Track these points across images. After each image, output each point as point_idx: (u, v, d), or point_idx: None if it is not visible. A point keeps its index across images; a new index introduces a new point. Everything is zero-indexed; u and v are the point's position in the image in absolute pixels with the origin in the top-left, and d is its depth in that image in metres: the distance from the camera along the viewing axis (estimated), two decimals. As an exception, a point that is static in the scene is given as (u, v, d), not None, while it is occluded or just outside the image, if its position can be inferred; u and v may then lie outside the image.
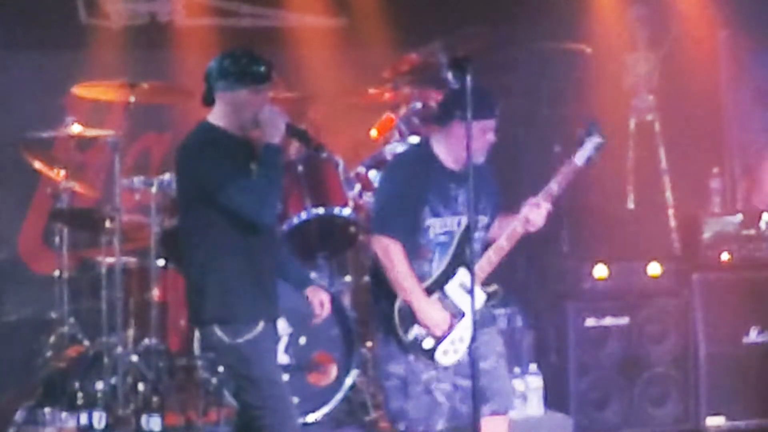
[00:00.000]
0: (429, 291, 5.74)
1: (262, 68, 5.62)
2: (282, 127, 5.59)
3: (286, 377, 6.35)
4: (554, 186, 5.85)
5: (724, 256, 8.08)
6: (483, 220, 5.84)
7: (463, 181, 5.65)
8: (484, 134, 5.74)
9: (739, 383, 7.84)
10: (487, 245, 5.87)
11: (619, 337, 7.82)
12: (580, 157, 5.89)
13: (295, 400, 6.11)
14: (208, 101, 5.68)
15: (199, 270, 5.60)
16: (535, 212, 5.80)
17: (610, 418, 7.80)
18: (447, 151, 5.80)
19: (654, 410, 7.86)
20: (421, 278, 5.73)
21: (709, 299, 7.93)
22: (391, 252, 5.69)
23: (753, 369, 7.86)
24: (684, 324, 7.91)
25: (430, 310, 5.69)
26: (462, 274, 5.69)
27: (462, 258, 5.70)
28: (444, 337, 5.73)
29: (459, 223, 5.75)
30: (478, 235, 5.82)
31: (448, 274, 5.75)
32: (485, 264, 5.80)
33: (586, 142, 5.90)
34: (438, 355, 5.74)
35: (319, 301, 5.87)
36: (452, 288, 5.75)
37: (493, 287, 5.84)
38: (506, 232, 5.82)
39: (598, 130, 5.92)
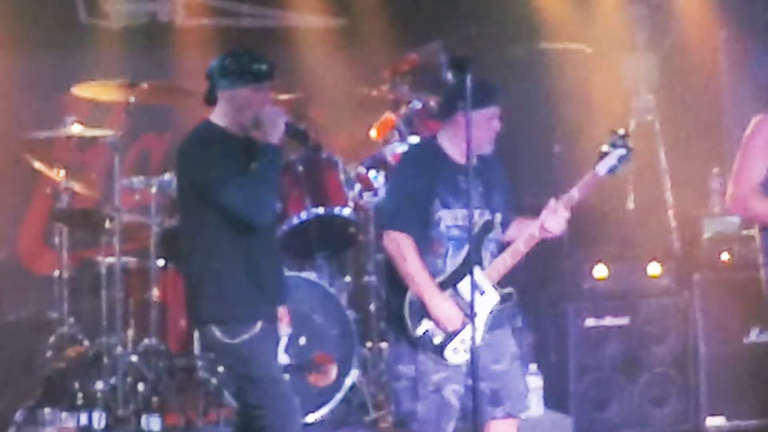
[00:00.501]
0: (442, 287, 5.69)
1: (264, 66, 5.63)
2: (281, 127, 5.58)
3: (286, 378, 6.34)
4: (575, 194, 5.80)
5: (724, 256, 8.07)
6: (497, 217, 5.81)
7: (473, 174, 5.66)
8: (488, 122, 5.73)
9: (740, 383, 7.83)
10: (502, 245, 5.84)
11: (619, 338, 7.81)
12: (602, 167, 5.81)
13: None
14: (210, 100, 5.68)
15: (198, 269, 5.60)
16: (553, 218, 5.76)
17: (610, 419, 7.79)
18: (453, 144, 5.78)
19: (654, 410, 7.85)
20: (434, 274, 5.69)
21: (710, 299, 7.92)
22: (402, 247, 5.66)
23: (753, 369, 7.83)
24: (684, 324, 7.90)
25: (443, 304, 5.65)
26: (476, 274, 5.66)
27: (477, 256, 5.68)
28: (455, 334, 5.70)
29: (470, 217, 5.72)
30: (494, 234, 5.80)
31: (462, 271, 5.69)
32: (500, 266, 5.76)
33: (611, 152, 5.84)
34: (447, 353, 5.70)
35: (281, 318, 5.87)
36: (465, 286, 5.67)
37: (507, 289, 5.81)
38: (523, 237, 5.78)
39: (624, 142, 5.88)
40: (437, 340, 5.71)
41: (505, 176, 5.96)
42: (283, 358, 7.17)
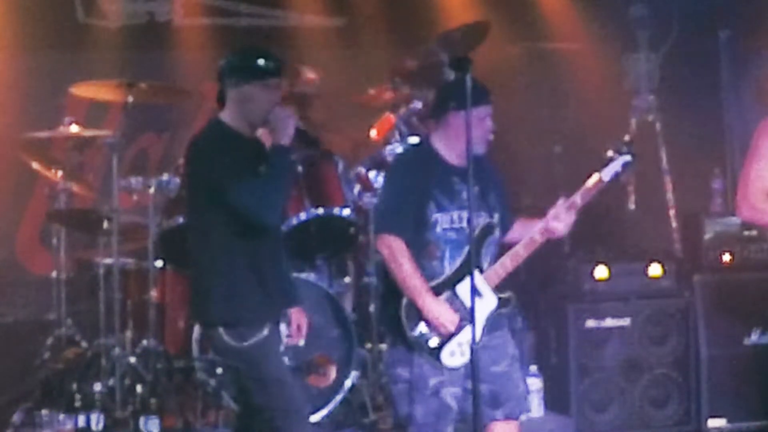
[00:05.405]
0: (439, 289, 5.65)
1: (270, 63, 5.60)
2: (292, 130, 5.56)
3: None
4: (578, 198, 5.80)
5: (726, 257, 8.04)
6: (495, 218, 5.78)
7: (467, 175, 5.63)
8: (481, 121, 5.69)
9: (741, 385, 7.80)
10: (501, 247, 5.81)
11: (620, 339, 7.79)
12: (606, 173, 5.83)
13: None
14: (221, 101, 5.65)
15: (205, 270, 5.56)
16: (558, 221, 5.76)
17: (610, 420, 7.76)
18: (447, 145, 5.75)
19: (655, 412, 7.83)
20: (432, 277, 5.65)
21: (711, 300, 7.89)
22: (395, 251, 5.62)
23: (754, 371, 7.81)
24: (685, 325, 7.87)
25: (436, 307, 5.61)
26: (475, 277, 5.62)
27: (476, 259, 5.64)
28: (451, 337, 5.66)
29: (468, 219, 5.69)
30: (493, 237, 5.76)
31: (460, 274, 5.66)
32: (500, 269, 5.74)
33: (616, 158, 5.85)
34: (444, 356, 5.66)
35: (298, 324, 5.87)
36: (463, 289, 5.64)
37: (506, 293, 5.77)
38: (524, 240, 5.77)
39: (630, 149, 5.88)
40: (433, 343, 5.67)
41: (500, 177, 5.93)
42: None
